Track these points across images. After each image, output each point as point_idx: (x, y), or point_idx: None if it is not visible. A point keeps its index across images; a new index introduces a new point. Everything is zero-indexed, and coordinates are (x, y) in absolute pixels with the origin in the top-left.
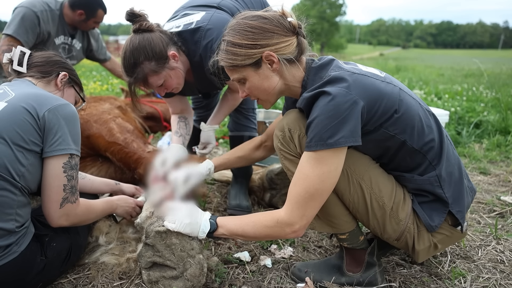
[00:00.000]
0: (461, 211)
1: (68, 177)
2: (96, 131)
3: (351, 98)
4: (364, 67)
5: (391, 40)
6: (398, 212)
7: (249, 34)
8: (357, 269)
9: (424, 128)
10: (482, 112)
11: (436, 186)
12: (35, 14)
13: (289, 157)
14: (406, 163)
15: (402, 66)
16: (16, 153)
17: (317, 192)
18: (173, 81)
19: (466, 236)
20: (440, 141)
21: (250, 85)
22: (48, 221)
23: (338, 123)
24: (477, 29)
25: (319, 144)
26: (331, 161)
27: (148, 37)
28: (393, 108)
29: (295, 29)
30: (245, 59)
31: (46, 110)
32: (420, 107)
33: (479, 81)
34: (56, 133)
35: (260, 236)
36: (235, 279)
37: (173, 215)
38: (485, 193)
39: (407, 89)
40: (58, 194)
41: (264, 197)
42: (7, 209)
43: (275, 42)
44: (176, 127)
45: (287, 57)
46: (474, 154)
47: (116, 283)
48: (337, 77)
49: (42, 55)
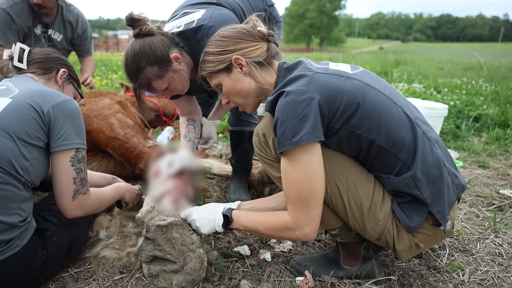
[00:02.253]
0: (441, 211)
1: (77, 170)
2: (97, 126)
3: (307, 95)
4: (336, 65)
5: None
6: (376, 212)
7: (220, 42)
8: (354, 263)
9: (393, 126)
10: (481, 105)
11: (412, 188)
12: (5, 11)
13: (268, 161)
14: (380, 163)
15: (402, 60)
16: (21, 148)
17: (311, 193)
18: (178, 83)
19: (452, 233)
20: (414, 140)
21: (225, 89)
22: (63, 213)
23: (298, 121)
24: (477, 22)
25: (285, 144)
26: (308, 160)
27: (149, 42)
28: (355, 104)
29: (265, 36)
30: (217, 64)
31: (50, 106)
32: (392, 105)
33: (479, 75)
34: (61, 128)
35: (273, 236)
36: (234, 273)
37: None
38: (484, 187)
39: (382, 85)
40: (69, 188)
41: (264, 191)
42: (10, 203)
43: (242, 47)
44: (185, 130)
45: (256, 60)
46: (473, 148)
47: (116, 277)
48: (296, 76)
49: (42, 51)
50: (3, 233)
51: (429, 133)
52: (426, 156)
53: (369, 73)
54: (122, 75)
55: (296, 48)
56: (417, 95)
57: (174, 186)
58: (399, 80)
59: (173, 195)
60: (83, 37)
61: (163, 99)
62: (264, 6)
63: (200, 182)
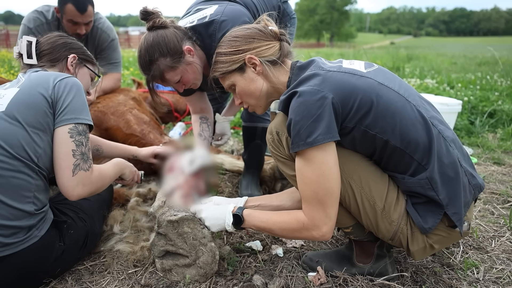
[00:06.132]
0: (457, 212)
1: (76, 142)
2: (114, 123)
3: (320, 94)
4: (349, 63)
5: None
6: (390, 213)
7: (232, 42)
8: (367, 260)
9: (408, 126)
10: (496, 101)
11: (428, 189)
12: (31, 31)
13: (281, 159)
14: (395, 163)
15: (414, 55)
16: (32, 135)
17: (327, 192)
18: (190, 76)
19: (468, 234)
20: (429, 140)
21: (239, 89)
22: (65, 195)
23: (313, 121)
24: (492, 15)
25: (300, 144)
26: (324, 159)
27: (162, 34)
28: (369, 103)
29: (277, 35)
30: (231, 65)
31: (51, 86)
32: (407, 104)
33: (494, 70)
34: (62, 105)
35: (288, 237)
36: (247, 268)
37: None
38: (499, 184)
39: (396, 84)
40: (68, 160)
41: (275, 187)
42: (25, 192)
43: (255, 46)
44: (199, 129)
45: (269, 59)
46: (488, 144)
47: (131, 270)
48: (309, 75)
49: (48, 40)
50: (20, 220)
51: (446, 133)
52: (441, 156)
53: (384, 71)
54: (134, 71)
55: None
56: (429, 90)
57: (186, 181)
58: (411, 75)
59: (184, 190)
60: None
61: (174, 95)
62: (277, 3)
63: (213, 178)
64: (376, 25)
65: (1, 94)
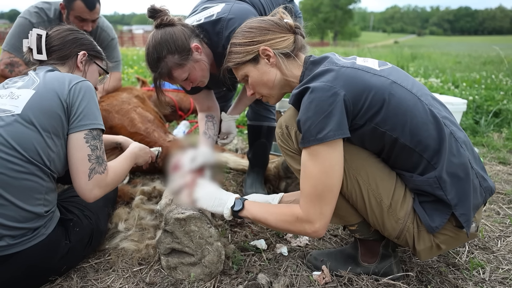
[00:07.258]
0: (465, 214)
1: (92, 147)
2: (119, 122)
3: (333, 91)
4: (363, 61)
5: (406, 27)
6: (396, 210)
7: (247, 33)
8: (372, 260)
9: (418, 125)
10: (501, 100)
11: (436, 188)
12: (33, 26)
13: (290, 153)
14: (403, 161)
15: (418, 54)
16: (47, 139)
17: (327, 188)
18: (198, 73)
19: (476, 236)
20: (440, 140)
21: (252, 80)
22: (82, 197)
23: (324, 117)
24: (497, 14)
25: (310, 140)
26: (329, 156)
27: (170, 31)
28: (381, 101)
29: (292, 28)
30: (245, 55)
31: (67, 91)
32: (419, 103)
33: (499, 69)
34: (76, 111)
35: (281, 229)
36: (251, 266)
37: (201, 189)
38: (504, 184)
39: (409, 83)
40: (84, 165)
41: (280, 186)
42: (36, 194)
43: (270, 38)
44: (204, 127)
45: (283, 51)
46: (493, 144)
47: (135, 268)
48: (323, 71)
49: (58, 35)
50: (30, 222)
51: (457, 134)
52: (452, 157)
53: (397, 70)
54: (138, 70)
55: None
56: (434, 89)
57: (192, 180)
58: (415, 74)
59: (191, 189)
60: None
61: (178, 94)
62: (284, 2)
63: (218, 177)
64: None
65: (15, 94)
